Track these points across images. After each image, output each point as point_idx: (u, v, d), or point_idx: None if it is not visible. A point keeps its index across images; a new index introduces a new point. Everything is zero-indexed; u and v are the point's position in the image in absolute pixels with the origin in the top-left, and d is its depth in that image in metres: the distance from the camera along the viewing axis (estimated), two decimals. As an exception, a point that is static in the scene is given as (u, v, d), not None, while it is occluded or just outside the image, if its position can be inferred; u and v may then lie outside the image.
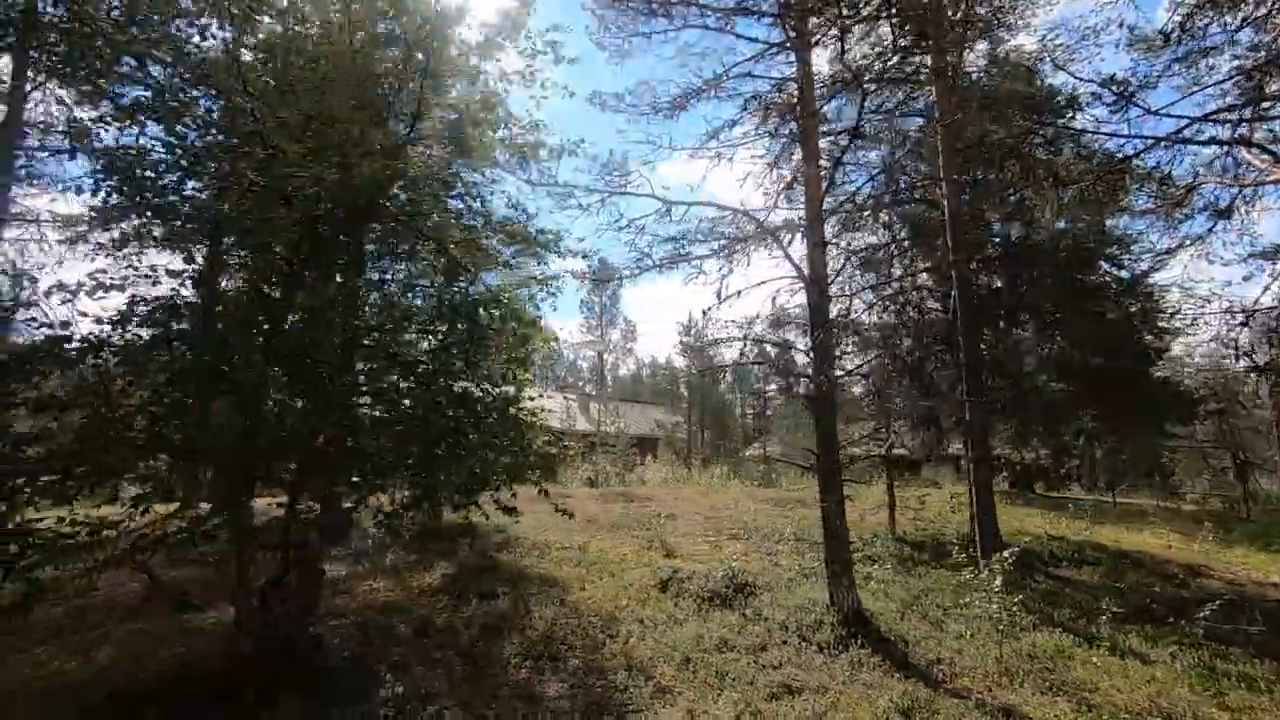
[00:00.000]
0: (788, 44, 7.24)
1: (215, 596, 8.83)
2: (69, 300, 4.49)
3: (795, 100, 7.23)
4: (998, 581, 6.16)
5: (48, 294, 4.41)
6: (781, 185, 8.21)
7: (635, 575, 9.19)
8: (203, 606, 8.40)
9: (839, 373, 7.25)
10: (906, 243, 12.37)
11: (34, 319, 4.46)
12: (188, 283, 5.60)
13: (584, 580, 8.97)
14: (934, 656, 6.21)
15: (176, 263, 5.93)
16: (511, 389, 5.70)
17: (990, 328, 11.21)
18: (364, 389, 5.70)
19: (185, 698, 5.43)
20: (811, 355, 6.86)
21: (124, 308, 5.34)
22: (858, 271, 11.82)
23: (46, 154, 11.76)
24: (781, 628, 6.81)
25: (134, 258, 5.94)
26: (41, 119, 12.25)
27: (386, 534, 11.51)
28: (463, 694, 5.66)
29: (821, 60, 18.15)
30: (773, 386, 44.17)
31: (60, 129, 12.32)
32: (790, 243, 7.31)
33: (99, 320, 5.15)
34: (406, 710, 5.36)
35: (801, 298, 9.07)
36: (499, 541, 11.36)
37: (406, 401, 5.72)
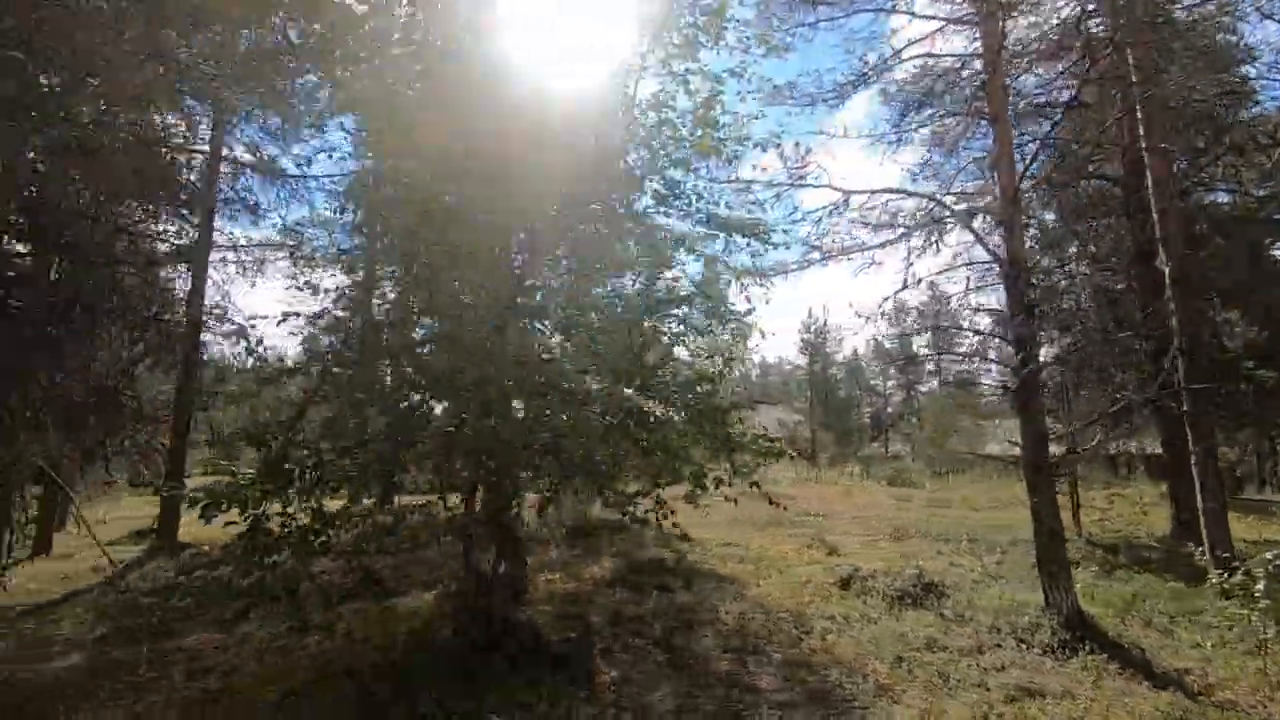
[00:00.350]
0: (975, 17, 6.90)
1: (408, 584, 9.56)
2: (344, 308, 4.99)
3: (983, 77, 6.87)
4: (1259, 587, 5.57)
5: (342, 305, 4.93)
6: (964, 165, 7.84)
7: (806, 573, 9.07)
8: (403, 592, 9.12)
9: (1044, 362, 6.81)
10: (1078, 223, 11.46)
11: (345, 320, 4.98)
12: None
13: (757, 577, 8.96)
14: (1179, 666, 5.69)
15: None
16: (715, 384, 5.76)
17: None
18: (571, 389, 5.94)
19: (430, 670, 5.87)
20: (1012, 343, 6.50)
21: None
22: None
23: (246, 183, 13.07)
24: (991, 629, 6.49)
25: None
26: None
27: (545, 528, 12.04)
28: (677, 683, 5.77)
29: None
30: (892, 382, 42.43)
31: (252, 164, 13.70)
32: (999, 228, 6.93)
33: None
34: (626, 694, 5.55)
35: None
36: (655, 538, 11.55)
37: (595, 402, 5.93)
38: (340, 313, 5.64)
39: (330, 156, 8.51)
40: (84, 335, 7.60)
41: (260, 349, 5.27)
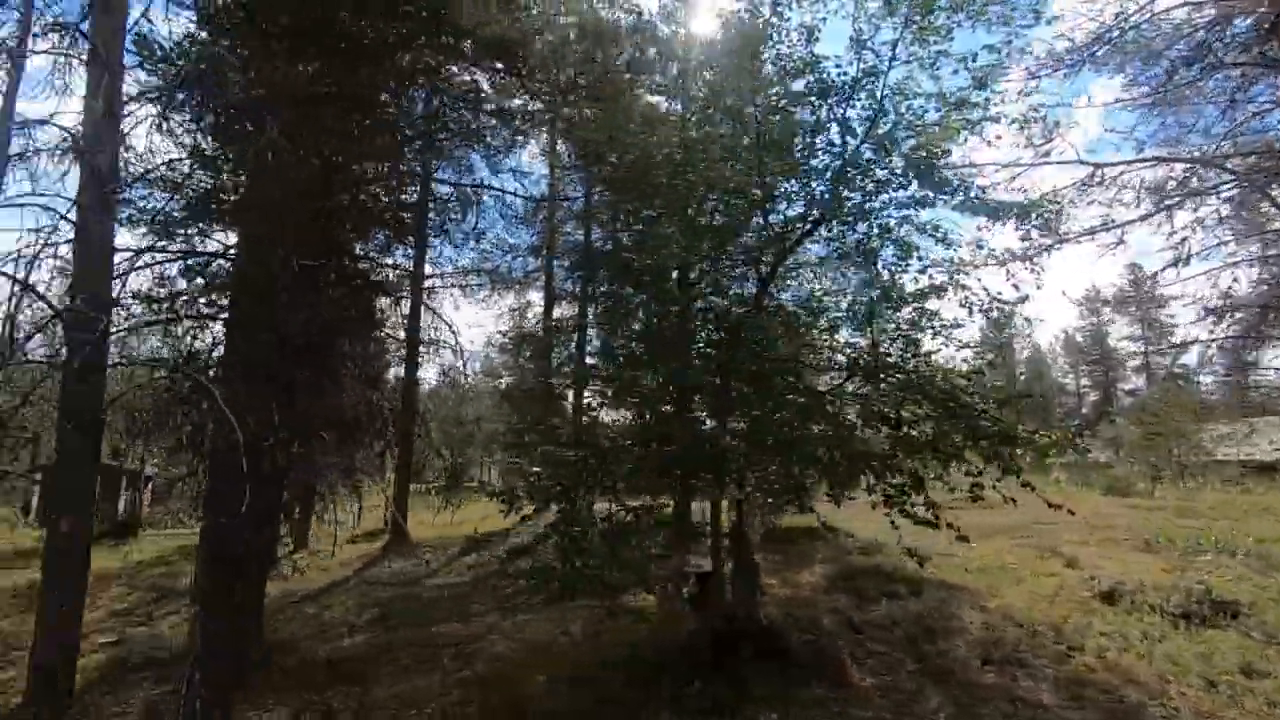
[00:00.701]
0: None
1: (624, 582, 9.89)
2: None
3: (1271, 17, 5.96)
4: None
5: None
6: (1240, 122, 6.80)
7: (1050, 584, 8.30)
8: (622, 589, 9.45)
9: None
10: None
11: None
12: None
13: (992, 587, 8.33)
14: None
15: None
16: (983, 376, 5.46)
17: None
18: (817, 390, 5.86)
19: (679, 664, 6.01)
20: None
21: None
22: None
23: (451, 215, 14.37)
24: (1327, 656, 5.55)
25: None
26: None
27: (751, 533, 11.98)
28: (943, 693, 5.47)
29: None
30: (1086, 380, 37.96)
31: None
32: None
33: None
34: (895, 701, 5.35)
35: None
36: (858, 545, 11.12)
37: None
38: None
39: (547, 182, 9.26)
40: (353, 354, 8.57)
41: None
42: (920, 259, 5.48)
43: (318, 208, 5.25)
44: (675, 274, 10.01)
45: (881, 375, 5.50)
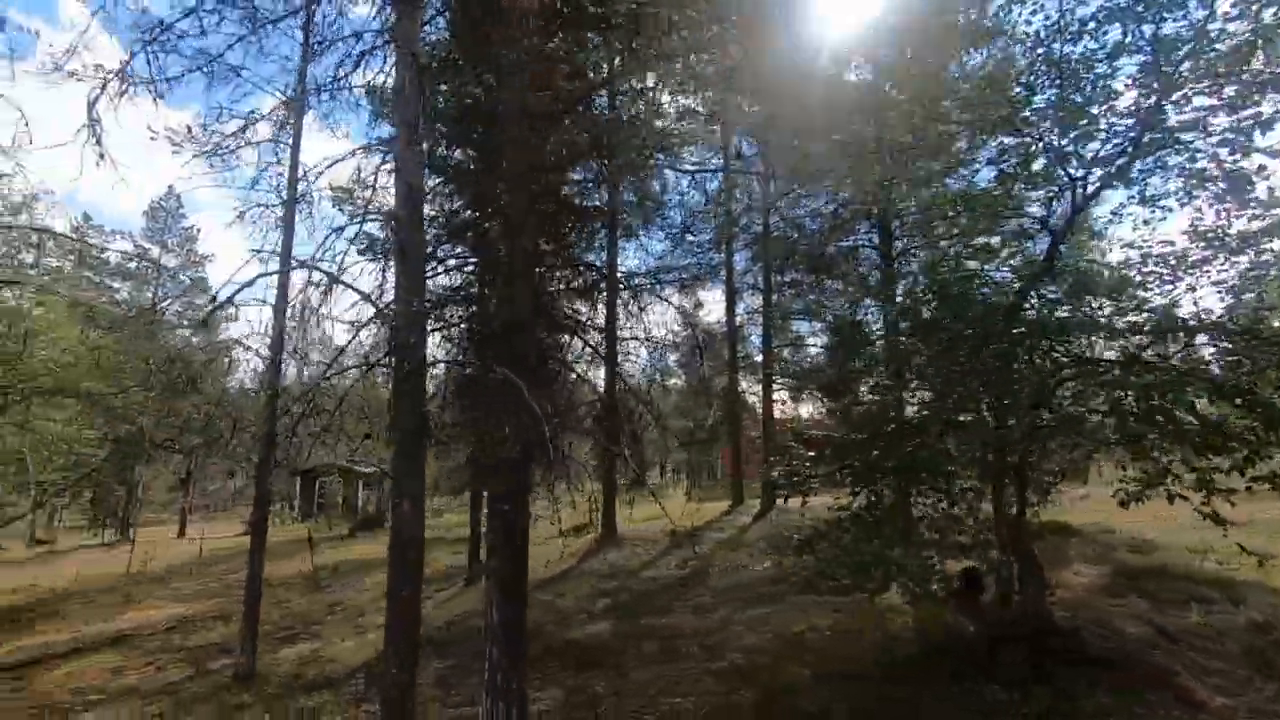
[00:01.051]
0: None
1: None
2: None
3: None
4: None
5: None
6: None
7: None
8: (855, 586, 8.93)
9: None
10: None
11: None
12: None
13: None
14: None
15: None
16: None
17: None
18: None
19: (963, 662, 5.53)
20: None
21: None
22: None
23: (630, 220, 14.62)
24: None
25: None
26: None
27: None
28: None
29: None
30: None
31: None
32: None
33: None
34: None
35: None
36: (1126, 543, 9.69)
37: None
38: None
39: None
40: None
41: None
42: (1270, 189, 4.52)
43: (575, 212, 5.41)
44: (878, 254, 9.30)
45: (1221, 335, 4.60)
